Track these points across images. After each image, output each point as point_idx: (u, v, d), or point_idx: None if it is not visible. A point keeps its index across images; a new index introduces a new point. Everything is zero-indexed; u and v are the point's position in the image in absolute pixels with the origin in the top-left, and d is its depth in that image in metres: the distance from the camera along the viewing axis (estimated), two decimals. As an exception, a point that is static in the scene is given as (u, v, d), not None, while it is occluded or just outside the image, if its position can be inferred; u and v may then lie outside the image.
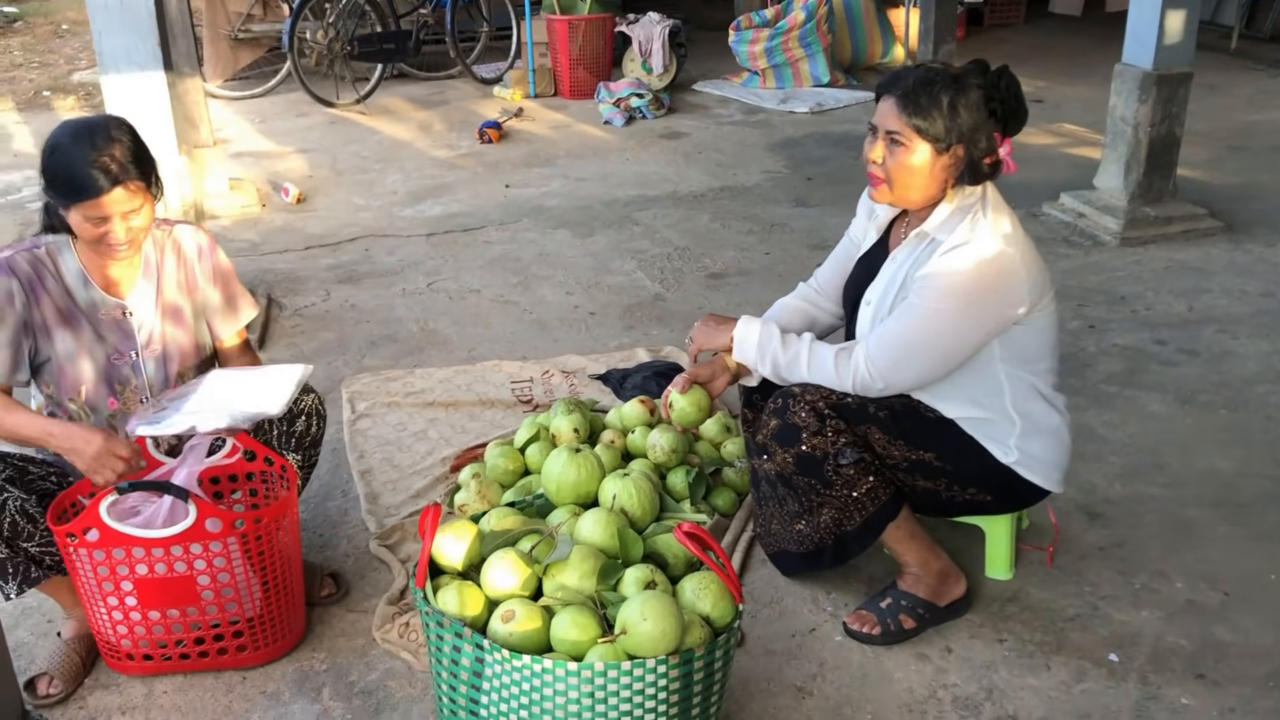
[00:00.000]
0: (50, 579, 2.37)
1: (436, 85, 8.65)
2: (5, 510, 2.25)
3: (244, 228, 5.44)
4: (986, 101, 2.29)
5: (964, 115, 2.27)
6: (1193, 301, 4.34)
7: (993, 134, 2.31)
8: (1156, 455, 3.25)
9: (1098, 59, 8.07)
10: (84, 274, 2.44)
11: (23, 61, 9.70)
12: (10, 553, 2.28)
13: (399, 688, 2.40)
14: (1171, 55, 4.81)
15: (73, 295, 2.43)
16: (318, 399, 2.62)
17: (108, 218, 2.29)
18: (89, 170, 2.24)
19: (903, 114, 2.28)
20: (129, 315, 2.48)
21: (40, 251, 2.42)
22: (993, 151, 2.32)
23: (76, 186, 2.26)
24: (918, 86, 2.27)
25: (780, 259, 4.90)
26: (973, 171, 2.32)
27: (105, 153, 2.26)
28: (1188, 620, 2.56)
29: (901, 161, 2.31)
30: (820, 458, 2.38)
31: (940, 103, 2.25)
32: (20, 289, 2.36)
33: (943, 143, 2.28)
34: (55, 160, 2.28)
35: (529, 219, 5.55)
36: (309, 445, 2.60)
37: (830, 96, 7.94)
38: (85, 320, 2.44)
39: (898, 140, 2.30)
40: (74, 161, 2.25)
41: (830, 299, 2.76)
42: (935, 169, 2.31)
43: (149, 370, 2.50)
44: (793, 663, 2.45)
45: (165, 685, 2.41)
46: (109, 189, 2.26)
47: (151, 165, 2.38)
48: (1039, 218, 5.29)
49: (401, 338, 4.18)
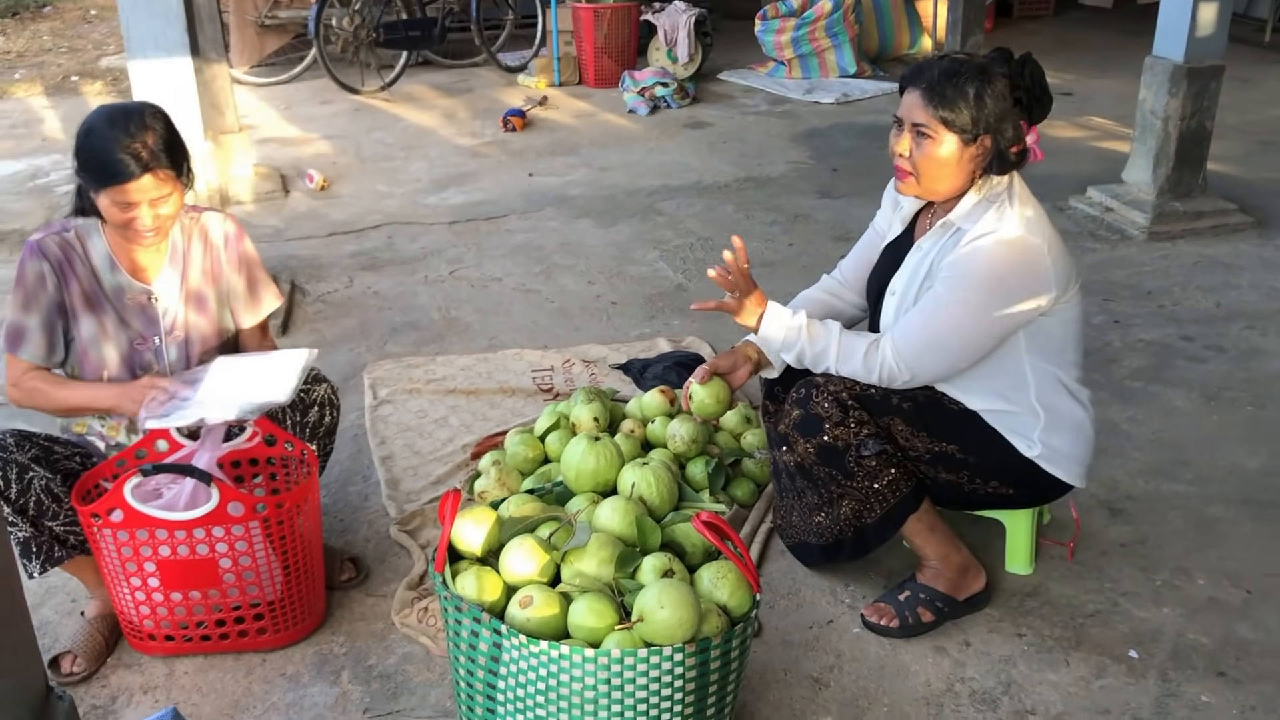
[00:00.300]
0: (74, 559, 2.39)
1: (461, 73, 8.66)
2: (31, 489, 2.27)
3: (268, 213, 5.46)
4: (1012, 90, 2.28)
5: (990, 105, 2.25)
6: (1220, 297, 4.30)
7: (1019, 123, 2.29)
8: (1180, 451, 3.22)
9: (1128, 51, 7.99)
10: (111, 258, 2.46)
11: (51, 46, 9.77)
12: (35, 531, 2.31)
13: (417, 672, 2.41)
14: (1203, 48, 4.76)
15: (99, 279, 2.45)
16: (330, 389, 2.63)
17: (136, 204, 2.31)
18: (120, 155, 2.26)
19: (929, 106, 2.27)
20: (154, 301, 2.50)
21: (69, 235, 2.44)
22: (1019, 140, 2.30)
23: (108, 171, 2.27)
24: (943, 78, 2.26)
25: (804, 250, 4.89)
26: (999, 161, 2.30)
27: (138, 139, 2.27)
28: (1209, 618, 2.54)
29: (929, 154, 2.30)
30: (842, 449, 2.38)
31: (966, 94, 2.24)
32: (51, 271, 2.39)
33: (969, 134, 2.26)
34: (89, 143, 2.30)
35: (552, 208, 5.55)
36: (323, 435, 2.61)
37: (856, 87, 7.89)
38: (110, 305, 2.46)
39: (924, 133, 2.29)
40: (107, 146, 2.27)
41: (854, 290, 2.75)
42: (963, 160, 2.30)
43: (171, 356, 2.52)
44: (810, 654, 2.45)
45: (186, 666, 2.43)
46: (139, 175, 2.28)
47: (183, 154, 2.39)
48: (1065, 211, 5.25)
49: (423, 325, 4.20)
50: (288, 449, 2.52)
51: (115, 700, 2.35)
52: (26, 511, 2.29)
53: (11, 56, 9.42)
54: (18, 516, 2.28)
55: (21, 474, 2.26)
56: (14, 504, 2.26)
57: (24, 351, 2.40)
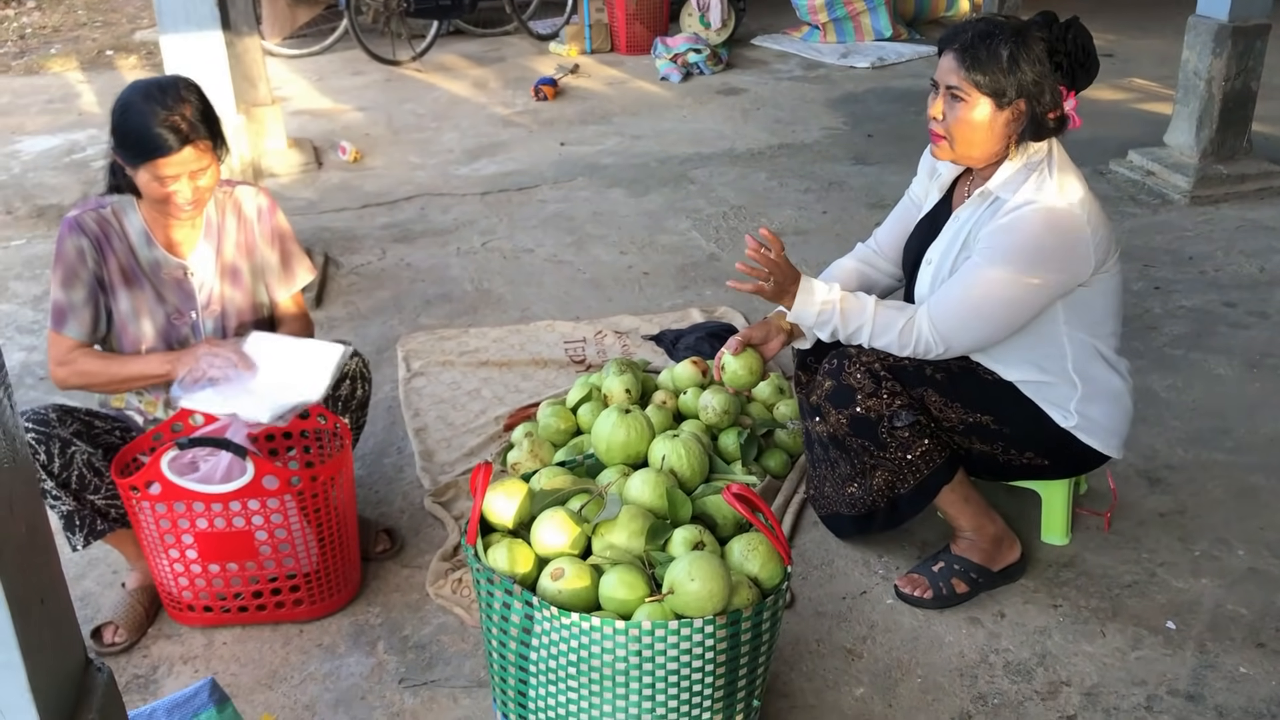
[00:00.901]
0: (116, 532, 2.43)
1: (492, 42, 8.62)
2: (74, 463, 2.31)
3: (301, 186, 5.48)
4: (1051, 55, 2.22)
5: (1025, 69, 2.20)
6: (1264, 262, 4.22)
7: (1057, 88, 2.24)
8: (1221, 420, 3.17)
9: (1171, 10, 7.81)
10: (148, 233, 2.47)
11: (86, 21, 9.83)
12: (78, 505, 2.35)
13: (451, 642, 2.43)
14: (1248, 6, 4.65)
15: (136, 254, 2.47)
16: (362, 362, 2.64)
17: (175, 177, 2.33)
18: (159, 129, 2.27)
19: (962, 68, 2.22)
20: (190, 275, 2.52)
21: (106, 211, 2.45)
22: (1057, 106, 2.25)
23: (149, 146, 2.29)
24: (977, 40, 2.21)
25: (838, 218, 4.84)
26: (1036, 127, 2.25)
27: (175, 112, 2.29)
28: (1248, 588, 2.51)
29: (961, 117, 2.26)
30: (875, 420, 2.36)
31: (1000, 56, 2.19)
32: (91, 247, 2.41)
33: (1004, 98, 2.22)
34: (126, 119, 2.31)
35: (583, 177, 5.53)
36: (355, 408, 2.62)
37: (892, 51, 7.78)
38: (147, 280, 2.48)
39: (958, 96, 2.25)
40: (144, 120, 2.28)
41: (889, 260, 2.71)
42: (996, 125, 2.25)
43: (208, 330, 2.54)
44: (843, 625, 2.45)
45: (225, 636, 2.47)
46: (179, 148, 2.29)
47: (218, 126, 2.41)
48: (1106, 175, 5.16)
49: (456, 297, 4.21)
50: (321, 422, 2.54)
51: (156, 670, 2.39)
52: (69, 485, 2.32)
53: (47, 31, 9.49)
54: (61, 490, 2.32)
55: (64, 448, 2.30)
56: (57, 478, 2.30)
57: (69, 329, 2.41)
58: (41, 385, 3.56)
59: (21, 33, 9.40)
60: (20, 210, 5.21)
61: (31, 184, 5.58)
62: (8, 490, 1.19)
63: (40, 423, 2.30)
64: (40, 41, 9.15)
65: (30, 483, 1.28)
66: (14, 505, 1.21)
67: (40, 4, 10.45)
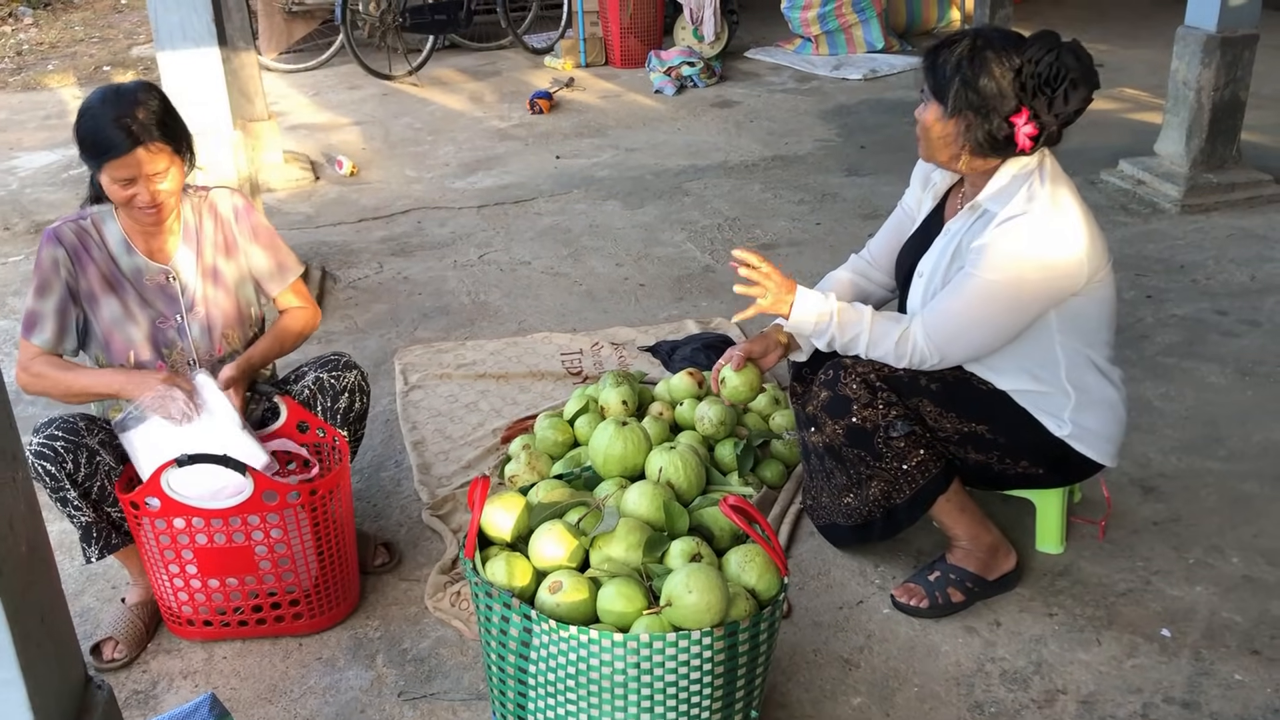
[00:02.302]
0: (127, 546, 2.45)
1: (488, 56, 8.66)
2: (97, 473, 2.34)
3: (298, 200, 5.50)
4: (1017, 73, 2.21)
5: (974, 84, 2.21)
6: (1255, 270, 4.24)
7: (1013, 108, 2.21)
8: (1214, 428, 3.19)
9: (1161, 21, 7.85)
10: (126, 241, 2.49)
11: (84, 37, 9.86)
12: (96, 516, 2.38)
13: (450, 655, 2.44)
14: (1237, 17, 4.68)
15: (116, 262, 2.49)
16: (361, 375, 2.66)
17: (132, 179, 2.34)
18: (110, 130, 2.30)
19: (924, 71, 2.33)
20: (173, 280, 2.53)
21: (85, 222, 2.48)
22: (1009, 126, 2.23)
23: (100, 146, 2.31)
24: (939, 47, 2.30)
25: (832, 229, 4.86)
26: (989, 142, 2.26)
27: (128, 114, 2.31)
28: (1243, 596, 2.53)
29: (920, 119, 2.35)
30: (870, 430, 2.38)
31: (946, 69, 2.25)
32: (67, 258, 2.43)
33: (948, 107, 2.26)
34: (83, 122, 2.34)
35: (579, 190, 5.55)
36: (354, 420, 2.64)
37: (884, 63, 7.82)
38: (130, 286, 2.50)
39: (922, 97, 2.35)
40: (97, 122, 2.31)
41: (882, 271, 2.73)
42: (946, 131, 2.29)
43: (194, 333, 2.55)
44: (840, 634, 2.46)
45: (225, 650, 2.48)
46: (130, 149, 2.30)
47: (178, 130, 2.41)
48: (1097, 185, 5.19)
49: (453, 310, 4.22)
50: (320, 435, 2.55)
51: (155, 685, 2.39)
52: (90, 496, 2.35)
53: (44, 47, 9.52)
54: (82, 501, 2.35)
55: (91, 458, 2.33)
56: (80, 487, 2.33)
57: (36, 336, 2.44)
58: (40, 400, 3.56)
59: (19, 49, 9.42)
60: (18, 226, 5.22)
61: (29, 200, 5.60)
62: (9, 509, 1.21)
63: (70, 432, 2.33)
64: (38, 57, 9.17)
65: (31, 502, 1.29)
66: (14, 524, 1.22)
67: (38, 20, 10.48)
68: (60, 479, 2.31)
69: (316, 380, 2.61)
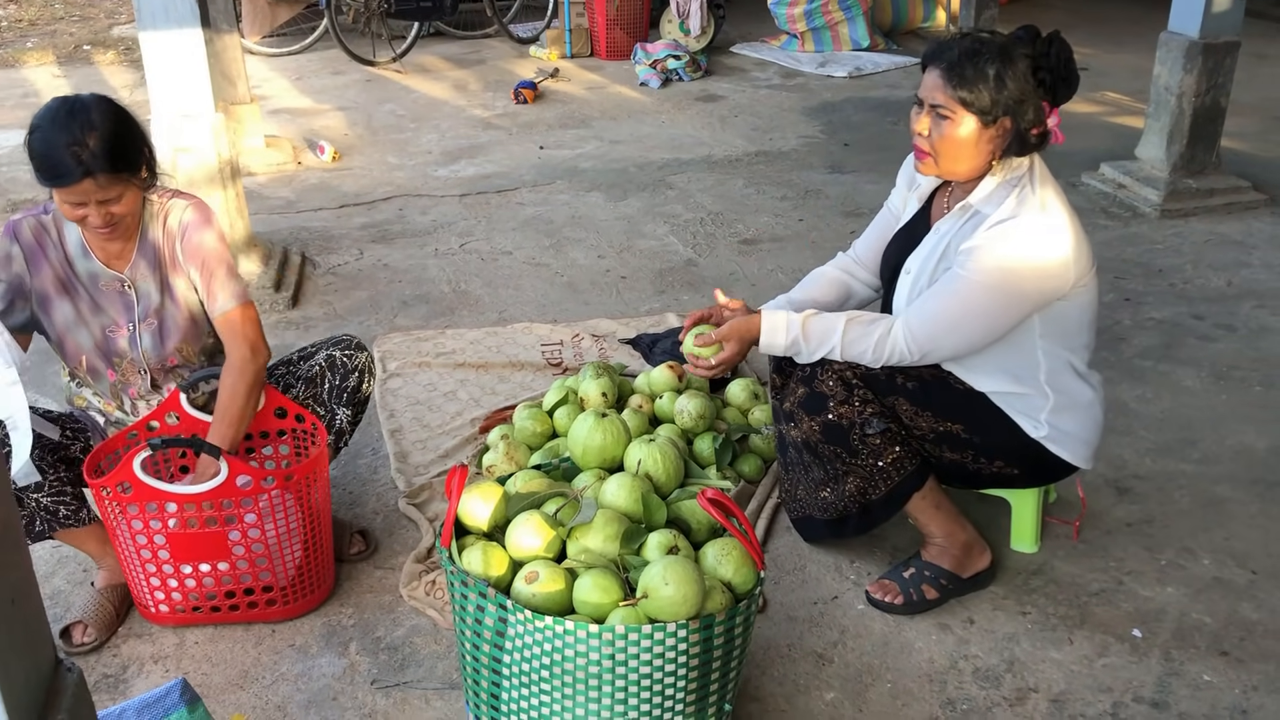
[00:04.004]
0: (67, 530, 2.41)
1: (473, 44, 8.62)
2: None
3: (279, 185, 5.46)
4: (1035, 71, 2.24)
5: (1011, 87, 2.22)
6: (1232, 276, 4.28)
7: (1040, 104, 2.26)
8: (1189, 431, 3.22)
9: (1145, 26, 7.90)
10: (84, 245, 2.43)
11: (64, 15, 9.75)
12: (19, 506, 2.32)
13: (424, 644, 2.43)
14: (1219, 24, 4.71)
15: (73, 265, 2.43)
16: (369, 357, 2.68)
17: (83, 204, 2.27)
18: (61, 157, 2.20)
19: (948, 86, 2.24)
20: (128, 288, 2.47)
21: (47, 219, 2.42)
22: (1041, 122, 2.27)
23: (50, 172, 2.23)
24: (964, 58, 2.23)
25: (814, 225, 4.87)
26: (1020, 143, 2.28)
27: (79, 140, 2.21)
28: (1213, 597, 2.55)
29: (947, 135, 2.27)
30: (847, 426, 2.38)
31: (986, 75, 2.21)
32: (20, 254, 2.39)
33: (989, 115, 2.24)
34: (34, 141, 2.25)
35: (562, 181, 5.54)
36: (360, 401, 2.67)
37: (869, 61, 7.83)
38: (84, 290, 2.44)
39: (943, 114, 2.26)
40: (48, 146, 2.22)
41: (868, 269, 2.74)
42: (981, 142, 2.27)
43: (145, 343, 2.49)
44: (814, 630, 2.47)
45: (196, 636, 2.46)
46: (79, 179, 2.22)
47: (130, 156, 2.31)
48: (1078, 188, 5.22)
49: (433, 298, 4.20)
50: (299, 422, 2.54)
51: (126, 669, 2.38)
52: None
53: (23, 25, 9.41)
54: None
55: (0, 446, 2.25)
56: None
57: None
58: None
59: (-4, 26, 9.32)
60: (-7, 205, 5.17)
61: (4, 179, 5.53)
62: (-21, 487, 1.19)
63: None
64: (16, 35, 9.07)
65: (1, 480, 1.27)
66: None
67: (16, -3, 10.36)
68: None
69: (329, 358, 2.62)
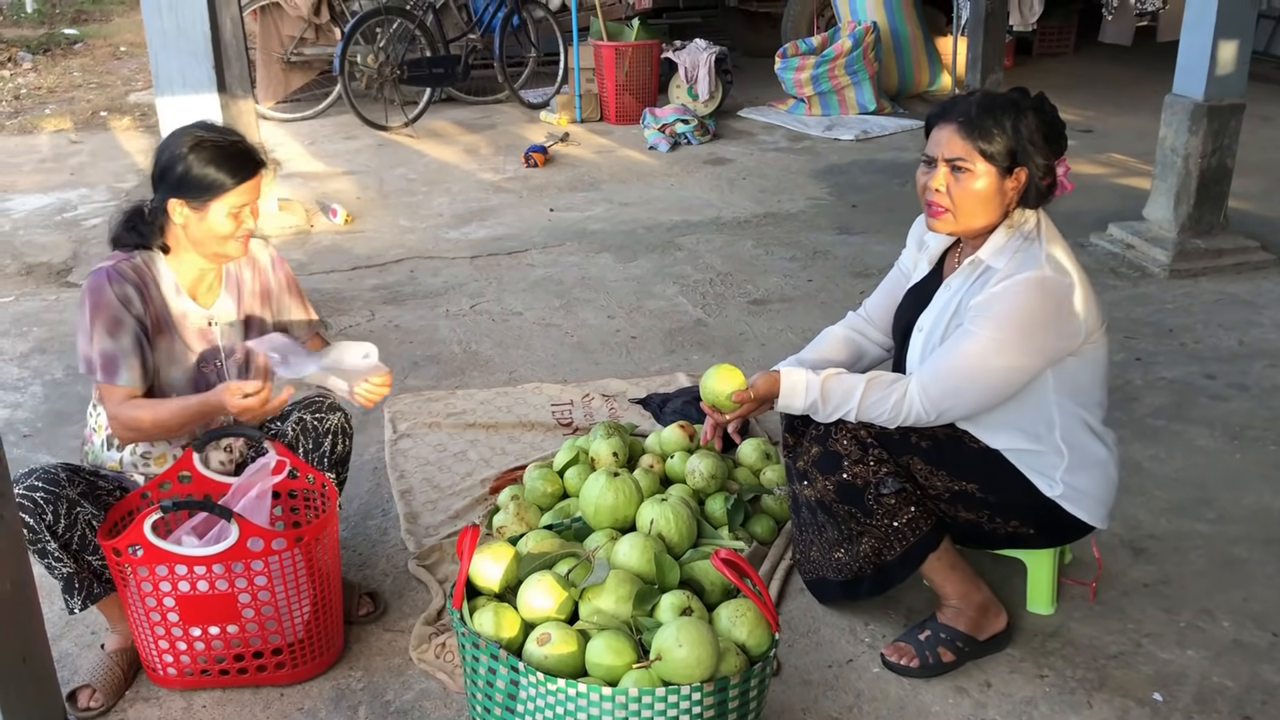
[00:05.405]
0: (110, 595, 2.42)
1: (484, 109, 8.74)
2: (77, 524, 2.30)
3: (292, 247, 5.51)
4: (1041, 124, 2.30)
5: (1025, 136, 2.29)
6: (1243, 335, 4.28)
7: (1048, 154, 2.32)
8: (1204, 491, 3.19)
9: (1148, 89, 7.99)
10: (176, 284, 2.48)
11: (82, 82, 9.93)
12: (77, 567, 2.34)
13: (434, 708, 2.40)
14: (1223, 86, 4.76)
15: (168, 304, 2.47)
16: (345, 417, 2.65)
17: (247, 204, 2.39)
18: (247, 148, 2.38)
19: (967, 139, 2.29)
20: (213, 325, 2.53)
21: (137, 261, 2.44)
22: (1050, 173, 2.33)
23: (238, 162, 2.36)
24: (981, 111, 2.29)
25: (823, 286, 4.89)
26: (1035, 193, 2.33)
27: (241, 138, 2.41)
28: (1234, 660, 2.51)
29: (966, 188, 2.31)
30: (861, 486, 2.37)
31: (1004, 125, 2.28)
32: (135, 293, 2.39)
33: (1006, 165, 2.29)
34: (202, 154, 2.35)
35: (572, 242, 5.58)
36: (337, 463, 2.63)
37: (876, 124, 7.92)
38: (176, 330, 2.48)
39: (961, 166, 2.30)
40: (229, 142, 2.38)
41: (879, 329, 2.74)
42: (999, 193, 2.32)
43: (232, 378, 2.54)
44: (829, 693, 2.43)
45: (204, 699, 2.43)
46: (256, 171, 2.40)
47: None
48: (1086, 248, 5.24)
49: (444, 359, 4.22)
50: (309, 482, 2.53)
51: (133, 733, 2.35)
52: (70, 547, 2.31)
53: (42, 92, 9.58)
54: (63, 552, 2.31)
55: (70, 509, 2.29)
56: (60, 539, 2.29)
57: (122, 378, 2.35)
58: (25, 443, 3.54)
59: (17, 93, 9.49)
60: (9, 268, 5.22)
61: (21, 242, 5.60)
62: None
63: (50, 483, 2.29)
64: (35, 102, 9.23)
65: (16, 539, 1.28)
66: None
67: (37, 65, 10.57)
68: (39, 530, 2.27)
69: (299, 421, 2.60)
